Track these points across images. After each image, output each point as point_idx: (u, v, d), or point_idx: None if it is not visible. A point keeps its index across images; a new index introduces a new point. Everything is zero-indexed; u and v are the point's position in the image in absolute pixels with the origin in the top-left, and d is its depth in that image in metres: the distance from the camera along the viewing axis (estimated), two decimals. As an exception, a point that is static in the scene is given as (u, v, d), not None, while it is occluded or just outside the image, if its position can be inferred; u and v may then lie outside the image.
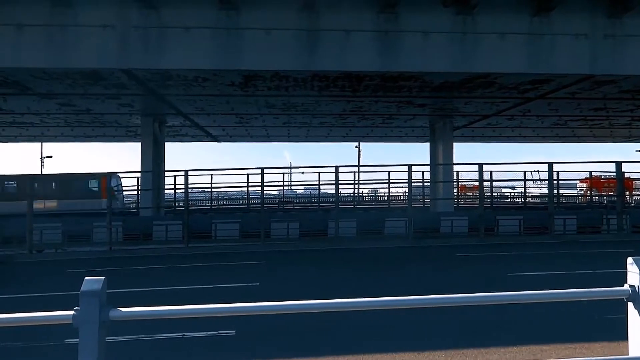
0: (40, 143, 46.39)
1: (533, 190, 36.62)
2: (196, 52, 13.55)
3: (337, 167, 19.68)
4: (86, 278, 2.35)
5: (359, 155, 54.81)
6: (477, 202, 21.29)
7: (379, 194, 40.35)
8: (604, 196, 33.02)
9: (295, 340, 6.52)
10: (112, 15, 13.30)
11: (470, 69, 14.40)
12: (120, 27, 13.33)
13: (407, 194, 21.57)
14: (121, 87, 16.37)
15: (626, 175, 24.52)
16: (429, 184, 26.62)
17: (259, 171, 19.54)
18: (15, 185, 26.72)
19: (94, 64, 13.66)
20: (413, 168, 19.97)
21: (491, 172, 25.10)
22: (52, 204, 25.04)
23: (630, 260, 2.64)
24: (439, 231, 19.67)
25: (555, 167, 21.50)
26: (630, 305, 2.63)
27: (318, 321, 7.01)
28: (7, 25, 13.07)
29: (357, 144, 53.05)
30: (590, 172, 32.28)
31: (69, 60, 13.42)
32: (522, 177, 29.06)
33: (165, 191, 25.79)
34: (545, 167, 20.79)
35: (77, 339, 2.30)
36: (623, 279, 2.67)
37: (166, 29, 13.41)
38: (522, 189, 32.34)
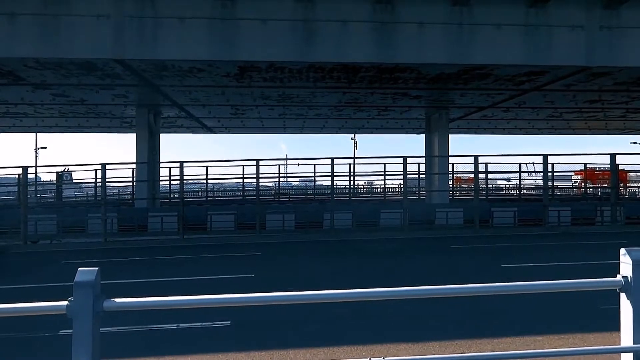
0: (34, 134, 46.15)
1: (528, 182, 36.75)
2: (191, 43, 13.47)
3: (332, 159, 19.68)
4: (80, 269, 2.35)
5: (355, 147, 54.79)
6: (473, 194, 21.35)
7: (374, 186, 40.40)
8: (598, 188, 33.17)
9: (291, 331, 6.54)
10: (107, 5, 13.19)
11: (466, 60, 14.38)
12: (114, 16, 13.21)
13: (402, 185, 21.59)
14: (116, 77, 16.25)
15: (620, 167, 24.63)
16: (424, 175, 26.66)
17: (254, 163, 19.51)
18: None
19: (88, 54, 13.54)
20: (408, 160, 19.98)
21: (486, 164, 25.16)
22: None
23: (623, 251, 2.65)
24: (434, 223, 19.73)
25: (550, 159, 21.57)
26: (622, 295, 2.64)
27: (313, 312, 7.04)
28: (0, 15, 12.94)
29: (352, 135, 53.02)
30: (585, 164, 32.37)
31: (62, 50, 13.30)
32: (517, 169, 29.13)
33: (161, 182, 25.72)
34: (540, 159, 20.87)
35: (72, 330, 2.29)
36: (616, 270, 2.68)
37: (161, 19, 13.31)
38: (517, 181, 32.46)
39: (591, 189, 33.56)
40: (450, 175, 26.66)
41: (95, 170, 22.84)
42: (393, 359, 5.17)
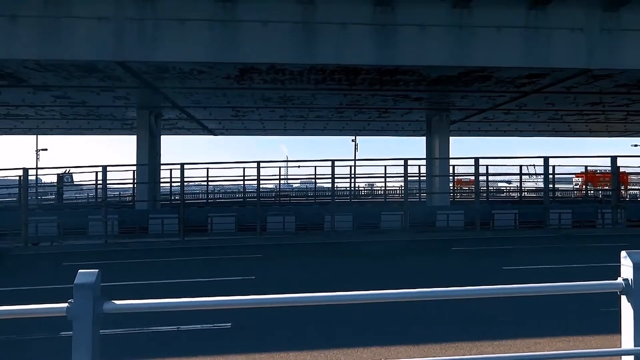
0: (35, 135, 46.18)
1: (529, 184, 36.73)
2: (192, 45, 13.49)
3: (333, 161, 19.66)
4: (80, 271, 2.34)
5: (355, 149, 54.84)
6: (473, 196, 21.34)
7: (375, 188, 40.40)
8: (599, 190, 33.14)
9: (292, 334, 6.53)
10: (107, 7, 13.21)
11: (466, 62, 14.39)
12: (115, 18, 13.24)
13: (403, 187, 21.59)
14: (116, 79, 16.28)
15: (621, 169, 24.61)
16: (425, 178, 26.65)
17: (255, 164, 19.51)
18: None
19: (88, 56, 13.57)
20: (409, 162, 19.96)
21: (487, 166, 25.14)
22: None
23: (623, 254, 2.65)
24: (435, 225, 19.69)
25: (551, 162, 21.57)
26: (623, 298, 2.64)
27: (314, 314, 7.03)
28: (1, 16, 12.97)
29: (353, 137, 53.07)
30: (586, 167, 32.38)
31: (63, 52, 13.33)
32: (518, 172, 29.12)
33: (162, 184, 25.72)
34: (541, 161, 20.85)
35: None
36: (617, 273, 2.68)
37: (161, 20, 13.33)
38: (518, 184, 32.43)
39: (592, 192, 33.54)
40: (451, 177, 26.63)
41: (96, 172, 22.86)
42: (393, 361, 5.17)
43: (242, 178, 26.29)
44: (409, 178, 20.55)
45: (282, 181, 33.04)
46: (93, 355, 2.27)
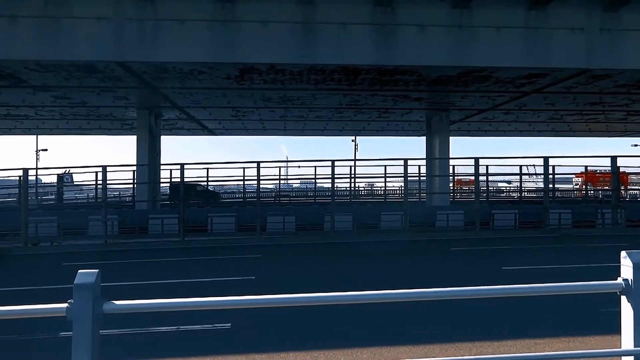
0: (35, 136, 46.18)
1: (529, 184, 36.73)
2: (191, 45, 13.49)
3: (333, 161, 19.65)
4: (79, 271, 2.34)
5: (355, 149, 54.83)
6: (473, 196, 21.35)
7: (375, 188, 40.42)
8: (599, 190, 33.15)
9: (291, 334, 6.53)
10: (107, 7, 13.22)
11: (466, 62, 14.39)
12: (115, 19, 13.24)
13: (403, 188, 21.59)
14: (116, 79, 16.28)
15: (621, 169, 24.60)
16: (425, 178, 26.66)
17: (255, 165, 19.50)
18: None
19: (88, 57, 13.57)
20: (409, 162, 19.96)
21: (487, 166, 25.16)
22: None
23: (623, 254, 2.64)
24: (435, 225, 19.69)
25: (551, 162, 21.58)
26: (623, 298, 2.64)
27: (314, 314, 7.03)
28: (1, 16, 12.97)
29: (353, 137, 53.06)
30: (586, 167, 32.40)
31: (63, 52, 13.33)
32: (518, 172, 29.14)
33: (161, 184, 25.72)
34: (541, 161, 20.85)
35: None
36: (617, 273, 2.68)
37: (161, 21, 13.34)
38: (518, 184, 32.45)
39: (592, 192, 33.56)
40: (451, 177, 26.64)
41: (96, 172, 22.90)
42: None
43: (242, 178, 26.28)
44: (409, 178, 20.56)
45: (282, 181, 33.05)
46: (93, 356, 2.27)
